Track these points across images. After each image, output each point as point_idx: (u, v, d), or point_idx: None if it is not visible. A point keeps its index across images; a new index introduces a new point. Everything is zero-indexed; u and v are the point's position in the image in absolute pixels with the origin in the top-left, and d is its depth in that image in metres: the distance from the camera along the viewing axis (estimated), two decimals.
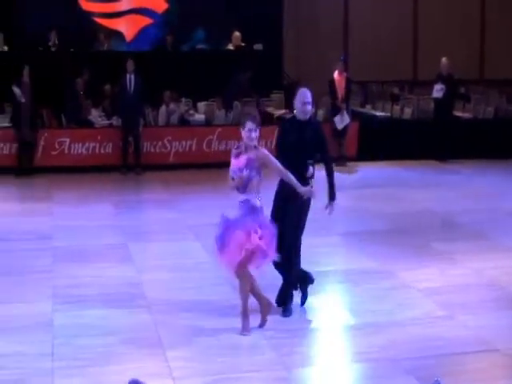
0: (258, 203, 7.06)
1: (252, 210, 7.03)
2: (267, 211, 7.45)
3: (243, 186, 7.03)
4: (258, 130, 7.10)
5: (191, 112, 16.97)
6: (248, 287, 7.14)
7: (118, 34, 19.96)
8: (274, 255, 7.20)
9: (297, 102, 7.63)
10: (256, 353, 6.81)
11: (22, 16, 19.60)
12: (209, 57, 18.95)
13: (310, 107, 7.62)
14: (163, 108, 16.58)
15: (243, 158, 7.05)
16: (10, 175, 14.81)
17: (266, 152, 7.14)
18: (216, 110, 16.92)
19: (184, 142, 15.81)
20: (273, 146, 16.04)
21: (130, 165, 15.40)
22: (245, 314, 7.13)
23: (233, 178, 7.05)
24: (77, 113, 16.21)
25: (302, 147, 7.47)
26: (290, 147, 7.49)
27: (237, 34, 18.96)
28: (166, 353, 6.74)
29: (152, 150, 15.73)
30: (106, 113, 16.58)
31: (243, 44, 19.06)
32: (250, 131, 7.07)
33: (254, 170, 7.03)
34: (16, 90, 15.03)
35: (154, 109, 16.64)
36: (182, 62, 18.31)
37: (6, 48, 18.44)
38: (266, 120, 17.30)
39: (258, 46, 19.07)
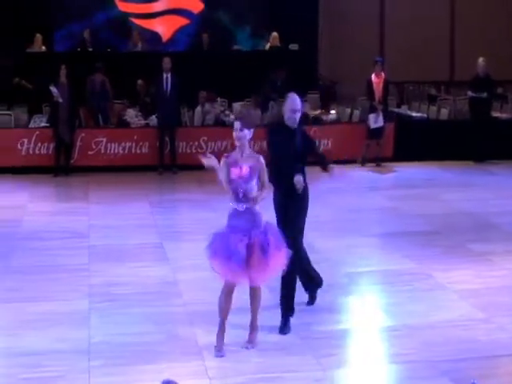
0: (257, 210, 6.89)
1: (254, 218, 6.86)
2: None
3: (245, 195, 6.84)
4: (245, 130, 6.88)
5: (227, 112, 16.99)
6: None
7: (154, 35, 20.08)
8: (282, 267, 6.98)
9: (286, 110, 7.34)
10: (291, 353, 6.80)
11: (59, 17, 19.78)
12: (244, 57, 18.97)
13: (299, 115, 7.33)
14: (199, 108, 16.62)
15: (245, 168, 6.84)
16: (48, 175, 14.94)
17: (263, 161, 6.90)
18: (251, 110, 16.92)
19: (219, 143, 15.84)
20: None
21: (166, 164, 15.46)
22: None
23: (236, 189, 6.80)
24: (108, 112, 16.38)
25: (294, 156, 7.25)
26: (283, 157, 7.24)
27: (275, 34, 18.97)
28: (202, 352, 6.75)
29: (188, 150, 15.77)
30: (141, 110, 16.64)
31: (278, 44, 19.06)
32: (235, 131, 6.94)
33: (256, 178, 6.87)
34: (54, 90, 15.14)
35: (190, 109, 16.70)
36: (217, 62, 18.34)
37: (43, 48, 18.61)
38: (300, 120, 17.30)
39: (294, 46, 19.06)
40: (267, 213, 7.14)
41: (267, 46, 19.35)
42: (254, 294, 6.93)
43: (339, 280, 8.79)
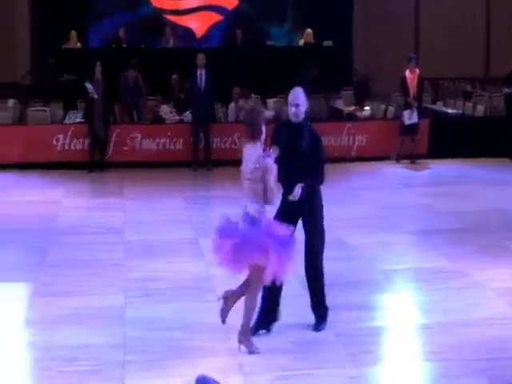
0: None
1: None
2: None
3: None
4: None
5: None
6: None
7: (188, 31, 20.14)
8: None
9: (288, 104, 7.11)
10: (325, 350, 6.80)
11: (94, 13, 19.92)
12: (278, 53, 18.96)
13: (300, 109, 7.06)
14: (232, 104, 16.65)
15: None
16: (83, 170, 15.06)
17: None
18: (284, 107, 16.90)
19: None
20: (342, 143, 16.15)
21: (200, 161, 15.50)
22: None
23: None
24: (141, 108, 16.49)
25: (294, 152, 6.95)
26: (287, 154, 6.90)
27: (309, 30, 18.94)
28: (236, 348, 6.76)
29: (222, 146, 15.81)
30: (175, 106, 16.70)
31: (312, 41, 19.03)
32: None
33: None
34: (89, 86, 15.25)
35: (224, 105, 16.73)
36: (251, 58, 18.35)
37: (79, 45, 18.75)
38: (335, 116, 17.29)
39: (328, 43, 19.03)
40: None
41: (301, 43, 19.33)
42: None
43: (374, 277, 8.77)
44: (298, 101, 7.06)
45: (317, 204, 7.12)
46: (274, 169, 6.55)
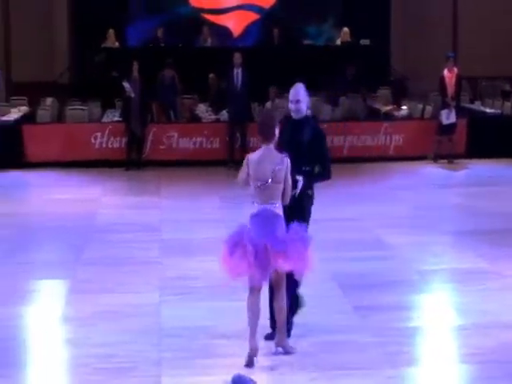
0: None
1: None
2: None
3: None
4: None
5: None
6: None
7: (225, 30, 20.18)
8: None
9: (289, 101, 6.95)
10: (361, 350, 6.76)
11: (132, 12, 20.04)
12: (315, 52, 18.94)
13: (301, 105, 6.88)
14: (269, 103, 16.64)
15: None
16: (120, 168, 15.16)
17: None
18: (322, 106, 16.88)
19: None
20: (379, 143, 16.08)
21: (236, 159, 15.50)
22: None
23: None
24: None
25: (294, 149, 6.69)
26: (285, 149, 6.69)
27: (346, 29, 18.90)
28: (272, 348, 6.76)
29: (258, 145, 15.75)
30: (212, 105, 16.74)
31: (349, 40, 18.98)
32: None
33: None
34: (126, 85, 15.34)
35: (260, 104, 16.73)
36: (288, 57, 18.34)
37: (117, 44, 18.87)
38: (372, 116, 17.23)
39: (365, 42, 18.96)
40: None
41: (338, 41, 19.28)
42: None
43: (410, 277, 8.72)
44: (299, 97, 6.91)
45: (306, 211, 6.92)
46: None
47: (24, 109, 17.15)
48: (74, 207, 12.25)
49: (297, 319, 7.25)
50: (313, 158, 6.86)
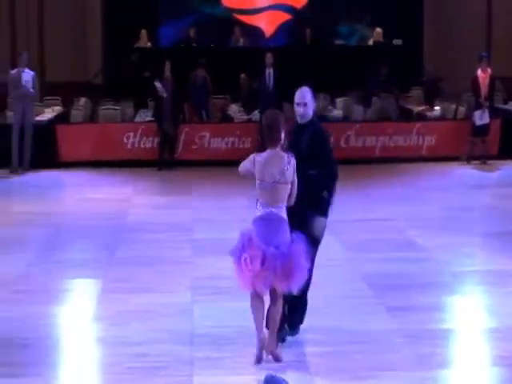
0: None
1: None
2: None
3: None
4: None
5: (329, 108, 16.95)
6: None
7: (257, 30, 20.19)
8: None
9: (295, 104, 6.73)
10: (393, 351, 6.73)
11: (165, 13, 20.12)
12: (347, 52, 18.91)
13: (308, 109, 6.66)
14: None
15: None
16: (152, 168, 15.23)
17: None
18: (354, 106, 16.84)
19: None
20: (411, 143, 15.99)
21: None
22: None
23: None
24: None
25: (296, 154, 6.46)
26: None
27: (378, 29, 18.84)
28: (304, 348, 6.76)
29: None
30: (244, 105, 16.77)
31: (382, 40, 18.91)
32: None
33: None
34: (158, 85, 15.41)
35: (292, 104, 16.70)
36: (320, 57, 18.32)
37: (149, 44, 18.97)
38: (404, 116, 17.15)
39: (398, 42, 18.89)
40: None
41: (370, 41, 19.22)
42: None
43: (443, 279, 8.67)
44: (306, 99, 6.66)
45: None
46: None
47: (58, 109, 17.30)
48: (106, 207, 12.33)
49: (325, 318, 7.25)
50: (316, 162, 6.61)
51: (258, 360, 6.38)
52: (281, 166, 6.40)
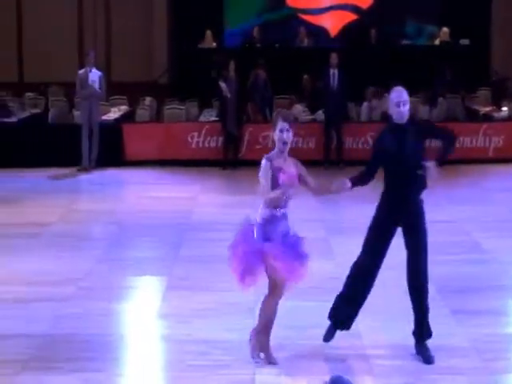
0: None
1: (288, 221, 6.72)
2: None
3: (287, 201, 6.64)
4: (291, 131, 6.39)
5: None
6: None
7: (322, 30, 20.13)
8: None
9: (391, 104, 6.58)
10: (458, 355, 6.65)
11: (230, 13, 20.20)
12: (413, 52, 18.72)
13: (407, 108, 6.54)
14: (365, 104, 16.54)
15: (293, 174, 6.45)
16: (216, 168, 15.31)
17: (301, 165, 6.56)
18: (420, 106, 16.68)
19: None
20: (478, 144, 15.77)
21: (332, 160, 15.49)
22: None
23: (283, 195, 6.53)
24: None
25: (404, 156, 6.43)
26: (392, 159, 6.49)
27: (445, 29, 18.62)
28: (367, 351, 6.71)
29: (354, 145, 15.73)
30: (308, 105, 16.74)
31: (448, 40, 18.69)
32: (281, 132, 6.40)
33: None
34: (222, 85, 15.47)
35: (357, 104, 16.64)
36: (385, 57, 18.19)
37: (214, 44, 19.06)
38: (471, 117, 16.92)
39: (465, 42, 18.64)
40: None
41: (437, 41, 19.02)
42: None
43: (509, 282, 8.53)
44: (402, 98, 6.55)
45: (422, 213, 6.65)
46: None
47: (124, 108, 17.50)
48: (171, 205, 12.43)
49: (392, 321, 7.20)
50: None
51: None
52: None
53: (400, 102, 6.55)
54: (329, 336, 6.77)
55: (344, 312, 6.75)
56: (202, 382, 6.24)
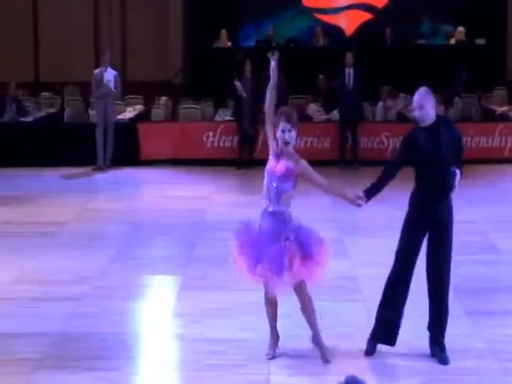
0: (292, 215, 6.75)
1: (284, 221, 6.73)
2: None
3: (277, 197, 6.63)
4: (293, 131, 6.43)
5: (409, 108, 16.74)
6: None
7: (337, 30, 20.11)
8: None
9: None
10: (473, 357, 6.62)
11: (245, 12, 20.20)
12: (428, 52, 18.67)
13: (420, 113, 6.40)
14: (381, 103, 16.51)
15: (283, 165, 6.52)
16: (231, 167, 15.31)
17: (306, 164, 6.54)
18: (436, 106, 16.61)
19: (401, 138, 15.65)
20: (494, 144, 15.69)
21: (346, 159, 15.47)
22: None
23: (269, 184, 6.66)
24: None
25: (441, 156, 6.41)
26: (429, 161, 6.43)
27: (460, 28, 18.57)
28: (382, 349, 6.70)
29: (369, 145, 15.70)
30: (323, 105, 16.71)
31: (464, 39, 18.63)
32: (283, 132, 6.45)
33: (290, 181, 6.59)
34: (238, 84, 15.47)
35: (372, 104, 16.61)
36: (401, 57, 18.15)
37: (229, 44, 19.06)
38: (487, 116, 16.85)
39: (480, 41, 18.57)
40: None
41: (453, 41, 18.96)
42: (303, 301, 6.65)
43: None
44: (420, 102, 6.39)
45: (451, 213, 6.68)
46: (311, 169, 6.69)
47: (139, 107, 17.54)
48: (185, 204, 12.45)
49: (408, 322, 7.16)
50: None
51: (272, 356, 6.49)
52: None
53: (415, 107, 6.51)
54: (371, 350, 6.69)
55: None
56: (219, 381, 6.25)
